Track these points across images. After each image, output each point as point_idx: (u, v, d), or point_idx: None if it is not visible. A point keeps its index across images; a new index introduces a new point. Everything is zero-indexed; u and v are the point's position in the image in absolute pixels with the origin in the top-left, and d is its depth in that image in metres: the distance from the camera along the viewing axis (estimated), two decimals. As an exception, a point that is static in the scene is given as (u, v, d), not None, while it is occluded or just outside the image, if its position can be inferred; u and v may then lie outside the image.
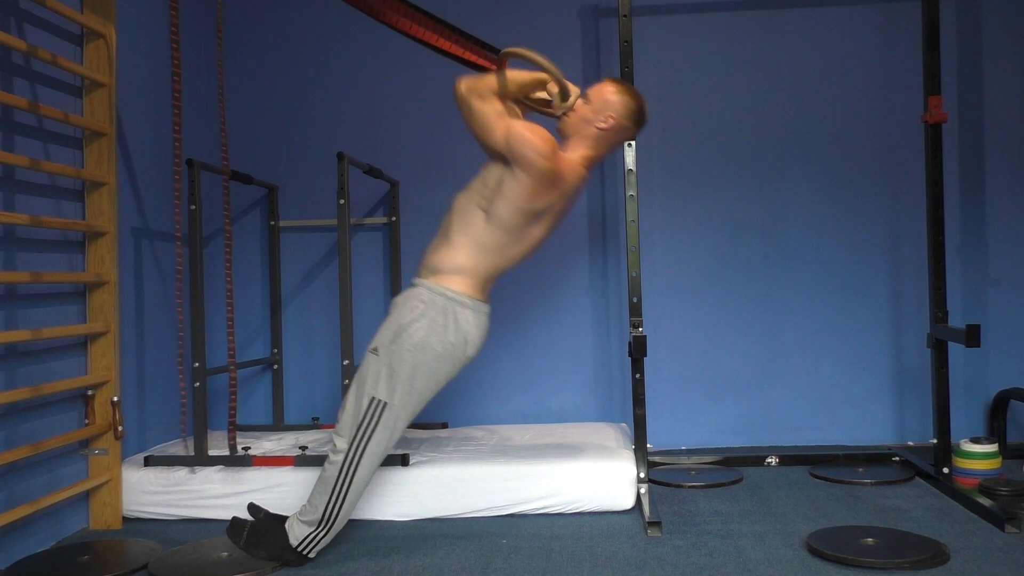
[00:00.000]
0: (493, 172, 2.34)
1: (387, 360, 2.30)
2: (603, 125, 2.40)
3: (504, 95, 2.35)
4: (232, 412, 2.90)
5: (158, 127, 3.23)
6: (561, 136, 2.45)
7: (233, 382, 2.90)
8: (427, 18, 2.62)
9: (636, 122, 2.44)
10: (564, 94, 2.40)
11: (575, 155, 2.41)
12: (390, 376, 2.29)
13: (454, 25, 2.63)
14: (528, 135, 2.24)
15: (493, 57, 2.51)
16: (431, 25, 2.59)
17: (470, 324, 2.35)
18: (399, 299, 2.41)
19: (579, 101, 2.43)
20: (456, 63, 2.70)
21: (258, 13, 3.84)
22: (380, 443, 2.31)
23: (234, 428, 2.92)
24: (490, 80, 2.32)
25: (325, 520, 2.33)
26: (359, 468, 2.31)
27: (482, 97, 2.30)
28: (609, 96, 2.40)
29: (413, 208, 3.76)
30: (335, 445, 2.34)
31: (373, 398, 2.30)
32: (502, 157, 2.30)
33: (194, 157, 3.07)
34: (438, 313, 2.31)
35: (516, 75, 2.37)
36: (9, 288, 2.45)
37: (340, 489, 2.31)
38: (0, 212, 2.37)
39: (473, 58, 2.62)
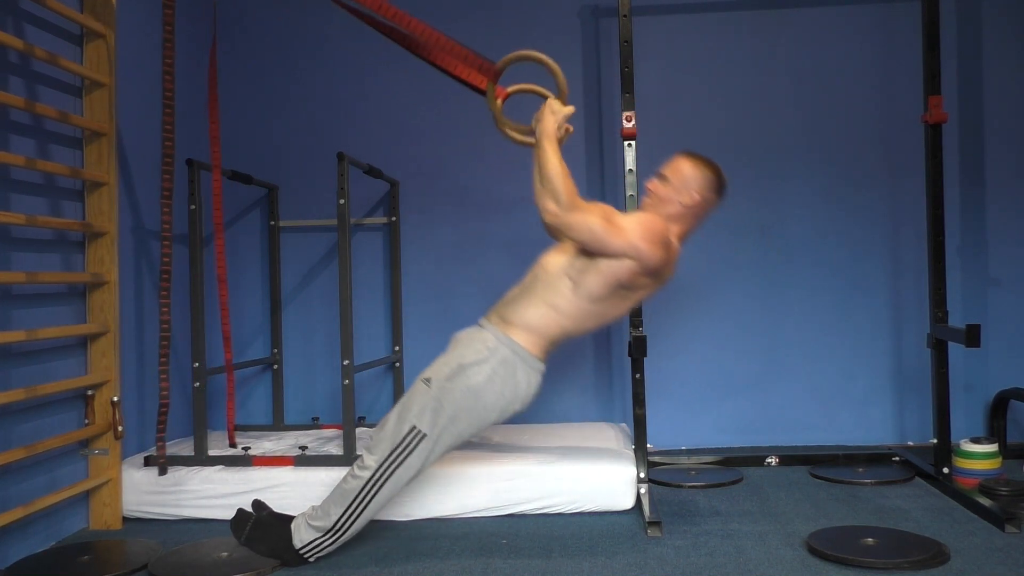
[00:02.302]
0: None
1: (438, 394, 2.30)
2: (688, 202, 2.40)
3: (572, 183, 2.30)
4: (230, 413, 2.90)
5: (158, 127, 3.21)
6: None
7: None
8: (427, 29, 2.54)
9: (718, 192, 2.45)
10: (564, 95, 2.41)
11: (671, 235, 2.40)
12: (436, 410, 2.29)
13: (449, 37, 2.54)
14: (648, 232, 2.26)
15: (489, 67, 2.46)
16: (429, 35, 2.52)
17: (527, 382, 2.35)
18: (463, 336, 2.41)
19: (656, 182, 2.44)
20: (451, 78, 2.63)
21: (258, 13, 3.84)
22: (409, 470, 2.31)
23: (232, 429, 2.92)
24: (563, 183, 2.26)
25: (335, 530, 2.32)
26: (382, 489, 2.31)
27: (579, 208, 2.27)
28: (687, 172, 2.41)
29: (413, 208, 3.76)
30: (363, 460, 2.33)
31: (414, 427, 2.29)
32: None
33: (194, 157, 3.07)
34: (500, 364, 2.31)
35: (556, 153, 2.31)
36: (9, 288, 2.45)
37: (359, 505, 2.31)
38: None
39: (467, 77, 2.52)
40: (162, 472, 2.78)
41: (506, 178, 3.65)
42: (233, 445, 3.00)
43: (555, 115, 2.38)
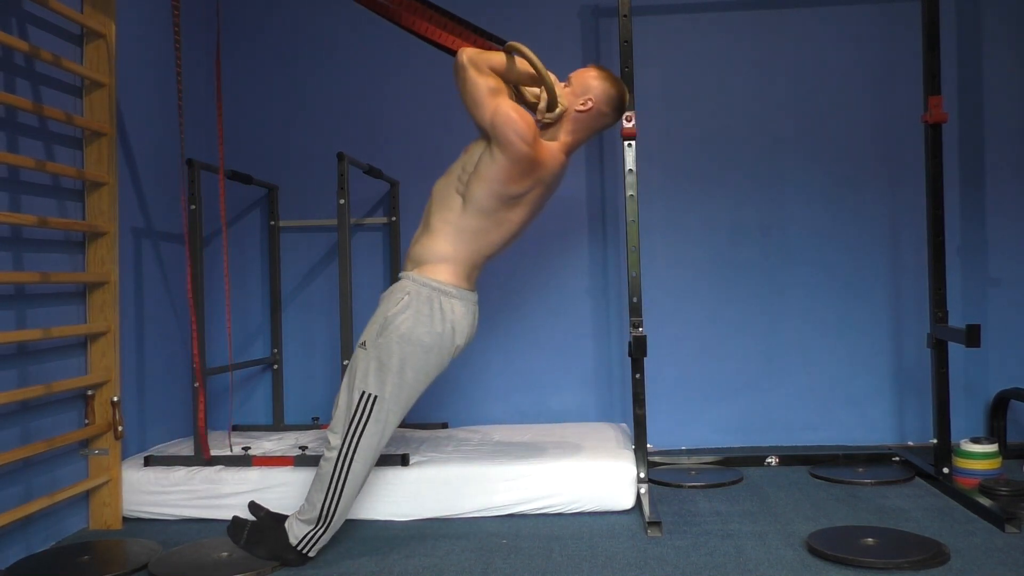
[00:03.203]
0: (473, 154, 2.36)
1: (375, 353, 2.30)
2: (582, 108, 2.41)
3: (503, 76, 2.37)
4: (229, 414, 2.90)
5: (158, 127, 3.23)
6: (540, 125, 2.46)
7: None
8: (437, 14, 2.61)
9: (615, 108, 2.45)
10: (552, 104, 2.40)
11: (554, 141, 2.42)
12: (379, 369, 2.29)
13: (460, 18, 2.62)
14: (514, 116, 2.25)
15: (498, 47, 2.51)
16: (439, 20, 2.58)
17: (457, 313, 2.35)
18: (385, 293, 2.43)
19: (561, 84, 2.44)
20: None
21: (258, 13, 3.84)
22: (373, 436, 2.31)
23: (231, 430, 2.91)
24: (493, 57, 2.35)
25: (323, 518, 2.33)
26: (354, 463, 2.31)
27: (480, 70, 2.31)
28: (590, 81, 2.42)
29: (413, 208, 3.75)
30: (329, 442, 2.34)
31: (364, 392, 2.30)
32: (485, 135, 2.32)
33: (194, 157, 3.07)
34: (423, 304, 2.31)
35: (519, 62, 2.38)
36: (9, 288, 2.44)
37: (336, 485, 2.31)
38: (0, 212, 2.38)
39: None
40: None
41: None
42: (229, 450, 2.99)
43: (549, 85, 2.39)
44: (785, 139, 3.71)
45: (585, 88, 2.41)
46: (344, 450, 2.31)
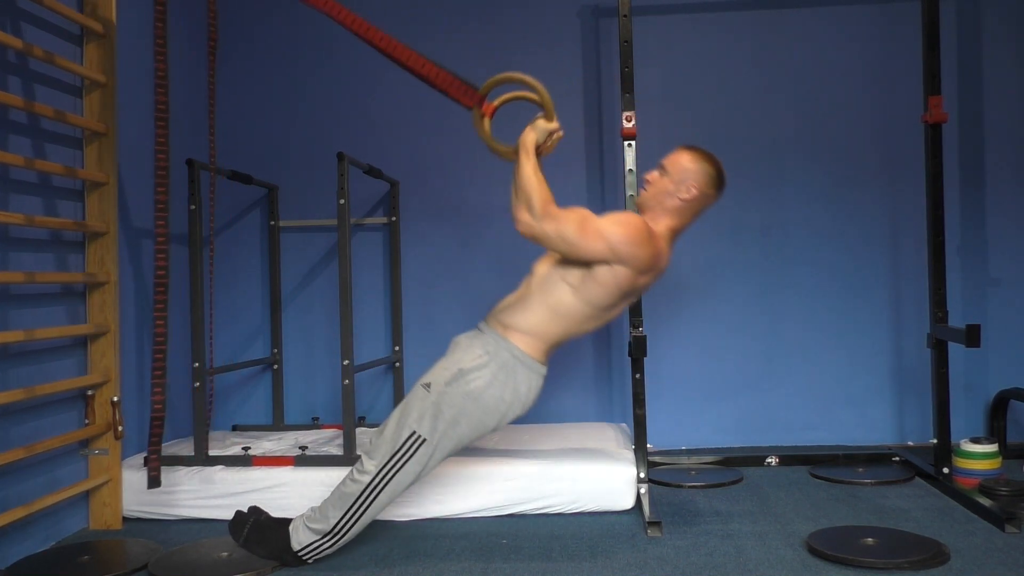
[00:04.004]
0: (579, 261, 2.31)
1: (437, 399, 2.28)
2: (686, 196, 2.37)
3: (547, 192, 2.28)
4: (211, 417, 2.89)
5: (158, 127, 3.23)
6: (640, 209, 2.44)
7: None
8: (414, 52, 2.49)
9: (717, 188, 2.42)
10: (550, 113, 2.36)
11: (660, 226, 2.37)
12: (435, 416, 2.28)
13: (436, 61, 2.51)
14: (626, 232, 2.23)
15: (473, 92, 2.43)
16: (416, 58, 2.47)
17: (527, 386, 2.34)
18: (463, 340, 2.40)
19: (655, 174, 2.42)
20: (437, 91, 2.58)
21: (258, 13, 3.84)
22: (408, 475, 2.30)
23: (204, 434, 2.90)
24: (537, 192, 2.25)
25: (334, 533, 2.32)
26: (381, 494, 2.30)
27: (552, 216, 2.25)
28: (687, 165, 2.38)
29: (413, 208, 3.76)
30: (362, 464, 2.32)
31: (414, 432, 2.28)
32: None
33: (194, 157, 3.07)
34: (500, 368, 2.30)
35: (532, 164, 2.30)
36: (9, 288, 2.45)
37: (358, 509, 2.30)
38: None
39: (454, 93, 2.48)
40: (153, 485, 2.70)
41: (506, 178, 3.62)
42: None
43: (535, 131, 2.33)
44: (785, 139, 3.71)
45: (684, 174, 2.37)
46: (377, 479, 2.29)
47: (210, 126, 3.03)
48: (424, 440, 2.28)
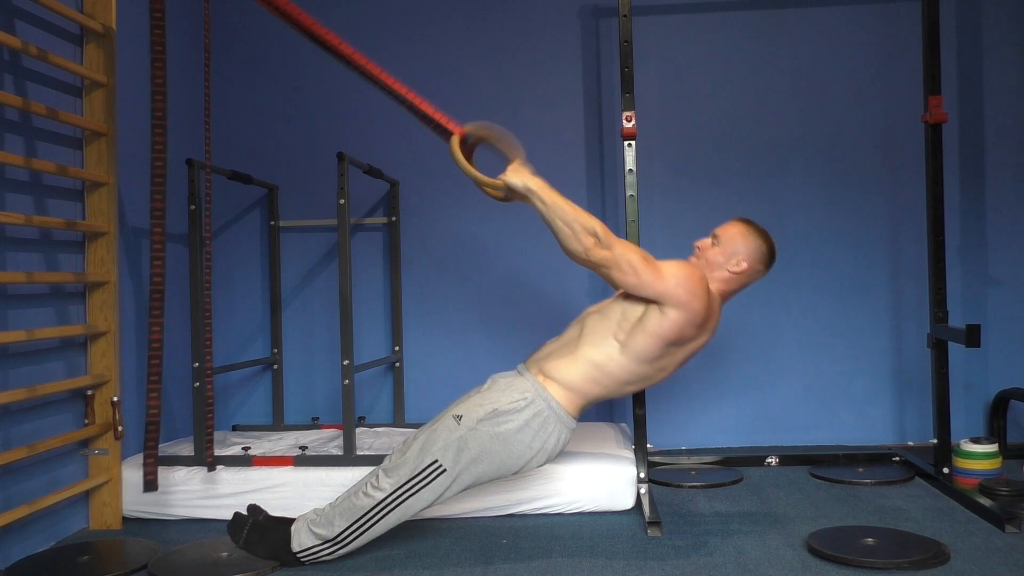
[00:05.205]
0: (636, 306, 2.32)
1: (466, 434, 2.28)
2: (735, 270, 2.40)
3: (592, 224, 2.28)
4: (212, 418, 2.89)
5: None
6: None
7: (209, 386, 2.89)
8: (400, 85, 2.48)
9: (767, 264, 2.45)
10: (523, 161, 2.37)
11: (712, 290, 2.39)
12: (461, 450, 2.28)
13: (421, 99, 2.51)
14: (687, 277, 2.24)
15: (452, 123, 2.44)
16: (403, 90, 2.48)
17: (556, 438, 2.34)
18: (502, 381, 2.39)
19: (708, 241, 2.43)
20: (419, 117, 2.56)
21: (257, 13, 3.83)
22: (422, 500, 2.30)
23: (212, 438, 2.89)
24: (592, 221, 2.25)
25: (336, 542, 2.32)
26: (392, 513, 2.30)
27: (621, 244, 2.26)
28: (738, 239, 2.40)
29: (413, 208, 3.76)
30: (378, 479, 2.31)
31: (436, 460, 2.28)
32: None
33: (194, 157, 3.07)
34: (534, 417, 2.30)
35: (558, 195, 2.29)
36: (9, 288, 2.45)
37: (365, 523, 2.30)
38: None
39: (440, 119, 2.49)
40: (149, 488, 2.69)
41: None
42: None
43: (527, 166, 2.34)
44: (785, 139, 3.71)
45: (735, 248, 2.39)
46: (391, 498, 2.29)
47: (206, 125, 3.03)
48: (445, 471, 2.28)
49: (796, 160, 3.70)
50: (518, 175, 2.33)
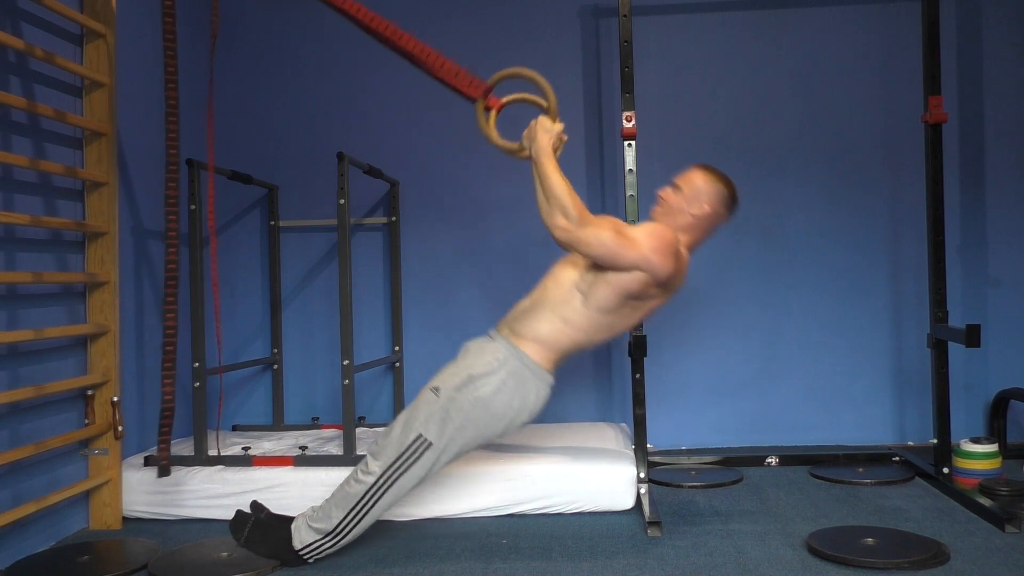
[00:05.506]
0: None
1: (446, 404, 2.29)
2: (698, 213, 2.41)
3: (578, 197, 2.30)
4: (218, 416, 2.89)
5: (158, 127, 3.21)
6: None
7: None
8: (419, 43, 2.52)
9: (729, 207, 2.46)
10: (554, 113, 2.39)
11: (681, 242, 2.40)
12: (443, 420, 2.29)
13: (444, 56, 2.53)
14: (659, 243, 2.26)
15: (480, 84, 2.45)
16: (422, 48, 2.50)
17: (535, 394, 2.35)
18: (473, 347, 2.41)
19: (668, 190, 2.44)
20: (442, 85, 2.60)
21: (258, 13, 3.84)
22: (413, 478, 2.31)
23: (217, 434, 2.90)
24: (570, 198, 2.26)
25: (335, 533, 2.32)
26: (385, 495, 2.31)
27: (589, 222, 2.27)
28: (700, 184, 2.41)
29: (413, 208, 3.76)
30: (367, 464, 2.32)
31: (421, 435, 2.29)
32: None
33: (194, 157, 3.07)
34: (509, 375, 2.31)
35: (556, 168, 2.31)
36: (9, 288, 2.45)
37: (361, 509, 2.31)
38: (0, 212, 2.37)
39: (459, 84, 2.51)
40: (163, 474, 2.73)
41: (506, 178, 3.65)
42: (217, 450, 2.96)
43: (548, 132, 2.36)
44: (785, 139, 3.71)
45: (697, 193, 2.41)
46: (381, 480, 2.29)
47: (209, 122, 3.03)
48: (430, 444, 2.28)
49: (796, 160, 3.70)
50: (529, 138, 2.37)
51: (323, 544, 2.33)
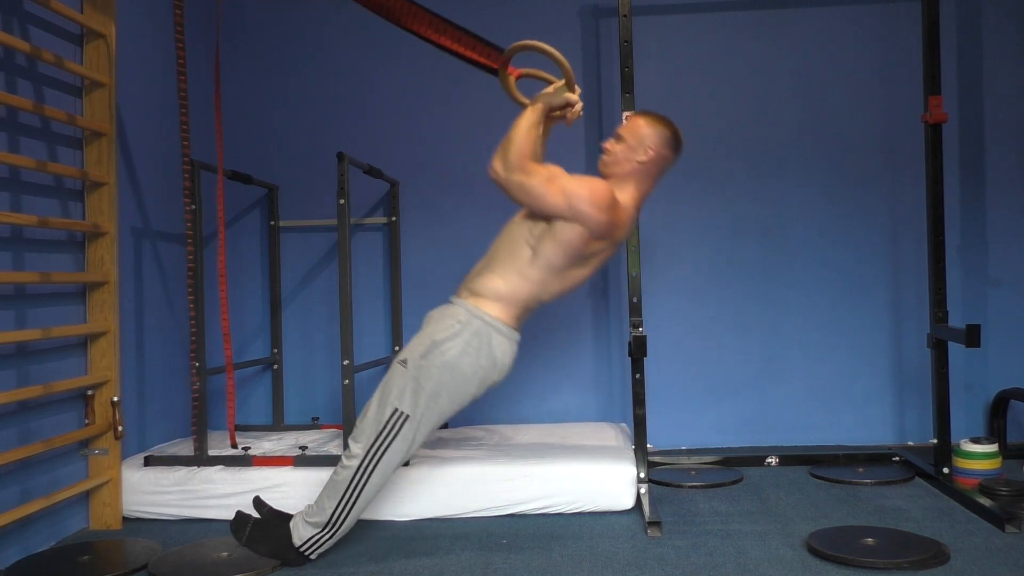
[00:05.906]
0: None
1: (415, 374, 2.30)
2: (643, 158, 2.39)
3: (534, 150, 2.33)
4: (231, 413, 2.90)
5: (158, 127, 3.23)
6: (602, 177, 2.45)
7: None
8: (434, 17, 2.59)
9: (674, 148, 2.44)
10: (571, 84, 2.40)
11: (624, 196, 2.39)
12: (415, 390, 2.29)
13: (458, 25, 2.60)
14: (588, 194, 2.25)
15: (497, 55, 2.50)
16: (437, 24, 2.57)
17: (501, 350, 2.35)
18: (435, 314, 2.42)
19: (612, 141, 2.44)
20: (460, 60, 2.66)
21: (258, 13, 3.84)
22: (396, 454, 2.31)
23: (233, 430, 2.91)
24: (517, 145, 2.29)
25: (332, 523, 2.33)
26: (372, 476, 2.31)
27: (523, 170, 2.28)
28: (642, 130, 2.41)
29: (413, 208, 3.76)
30: (350, 450, 2.33)
31: (396, 409, 2.29)
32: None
33: (194, 157, 3.07)
34: (472, 335, 2.31)
35: (530, 120, 2.35)
36: (9, 288, 2.44)
37: (351, 494, 2.31)
38: (0, 212, 2.37)
39: (478, 57, 2.59)
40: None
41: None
42: (234, 445, 2.99)
43: (555, 90, 2.39)
44: (785, 139, 3.71)
45: (640, 138, 2.40)
46: (366, 462, 2.30)
47: (217, 126, 3.04)
48: (407, 416, 2.29)
49: (796, 159, 3.70)
50: (541, 93, 2.41)
51: (321, 537, 2.34)
